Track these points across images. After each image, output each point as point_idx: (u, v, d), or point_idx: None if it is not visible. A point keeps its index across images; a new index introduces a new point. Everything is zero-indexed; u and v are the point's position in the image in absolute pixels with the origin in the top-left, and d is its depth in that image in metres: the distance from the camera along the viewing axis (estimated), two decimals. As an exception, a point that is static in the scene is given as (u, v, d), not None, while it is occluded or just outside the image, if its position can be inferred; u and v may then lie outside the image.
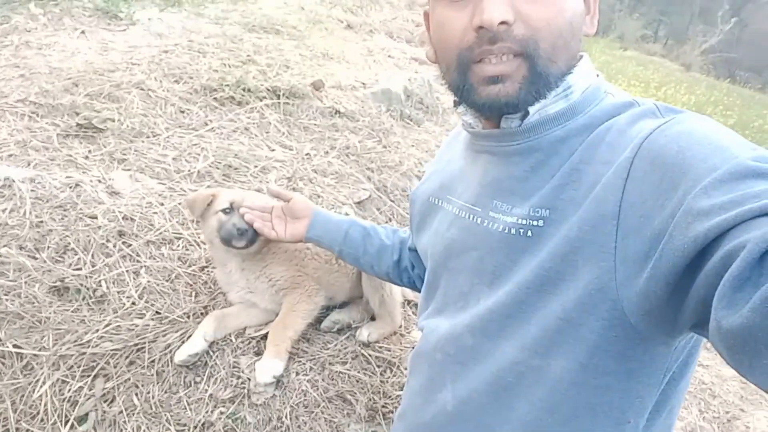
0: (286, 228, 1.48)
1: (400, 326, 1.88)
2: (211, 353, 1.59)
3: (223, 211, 1.56)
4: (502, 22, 0.80)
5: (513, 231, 0.87)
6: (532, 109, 0.89)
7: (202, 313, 1.69)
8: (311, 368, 1.62)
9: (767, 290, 0.48)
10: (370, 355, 1.72)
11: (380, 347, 1.77)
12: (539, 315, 0.82)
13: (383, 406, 1.60)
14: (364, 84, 3.83)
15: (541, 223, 0.83)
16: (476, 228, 0.96)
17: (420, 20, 7.24)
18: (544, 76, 0.85)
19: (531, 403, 0.86)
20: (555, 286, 0.80)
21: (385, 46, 5.38)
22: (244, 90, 2.99)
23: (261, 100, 3.01)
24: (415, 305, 2.07)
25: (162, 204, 2.04)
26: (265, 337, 1.65)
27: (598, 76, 0.96)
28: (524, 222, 0.86)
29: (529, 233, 0.84)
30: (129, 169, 2.16)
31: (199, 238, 1.94)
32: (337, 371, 1.64)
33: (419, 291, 1.35)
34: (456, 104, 1.03)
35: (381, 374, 1.69)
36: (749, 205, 0.54)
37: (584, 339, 0.78)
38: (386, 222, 2.64)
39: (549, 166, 0.87)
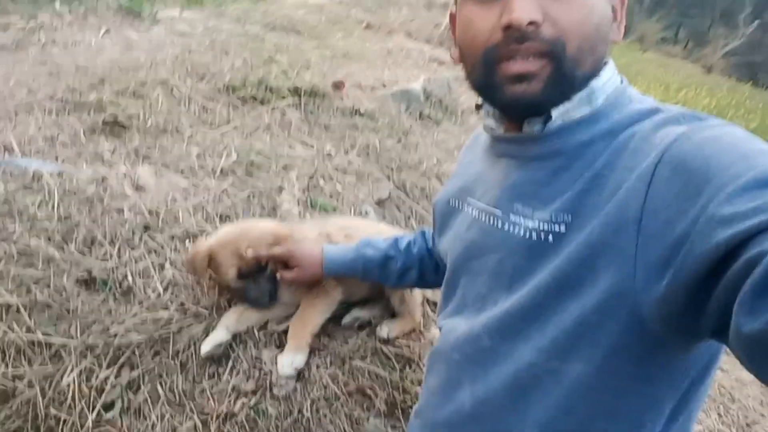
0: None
1: (420, 323, 1.89)
2: (234, 346, 1.62)
3: (239, 276, 1.59)
4: (531, 22, 0.80)
5: (534, 236, 0.86)
6: (554, 113, 0.88)
7: (225, 307, 1.71)
8: (331, 362, 1.64)
9: None
10: (389, 351, 1.73)
11: (399, 344, 1.78)
12: (557, 318, 0.82)
13: (402, 402, 1.61)
14: (384, 84, 3.85)
15: (563, 228, 0.82)
16: (496, 231, 0.95)
17: (439, 20, 7.25)
18: (569, 78, 0.84)
19: (547, 405, 0.85)
20: (574, 290, 0.79)
21: (405, 47, 5.40)
22: (266, 89, 3.03)
23: (283, 99, 3.04)
24: (434, 304, 2.08)
25: (186, 199, 2.07)
26: (286, 331, 1.67)
27: (622, 81, 0.95)
28: (546, 227, 0.85)
29: (550, 238, 0.83)
30: (154, 165, 2.20)
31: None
32: (356, 366, 1.66)
33: None
34: (477, 108, 1.04)
35: (400, 370, 1.70)
36: None
37: (602, 343, 0.78)
38: (405, 220, 2.66)
39: (572, 171, 0.86)
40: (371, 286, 1.85)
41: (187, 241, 1.91)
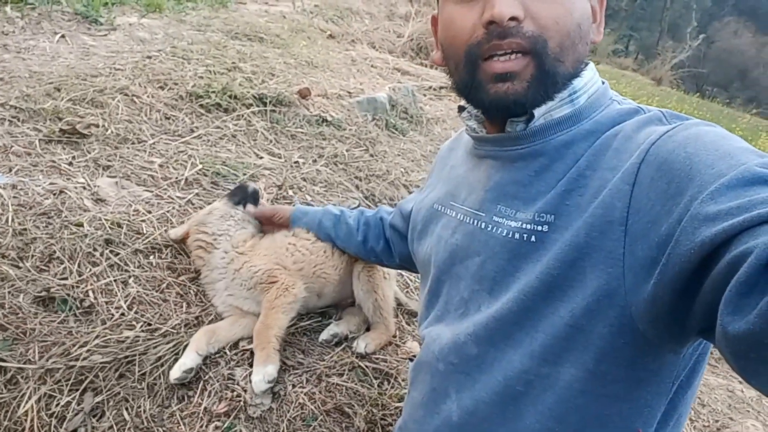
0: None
1: (395, 336, 1.85)
2: (205, 366, 1.54)
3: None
4: (512, 18, 0.81)
5: (517, 236, 0.86)
6: (537, 113, 0.89)
7: (194, 325, 1.64)
8: (308, 380, 1.58)
9: None
10: (366, 367, 1.68)
11: (377, 359, 1.73)
12: (547, 322, 0.81)
13: (382, 419, 1.56)
14: (349, 93, 3.82)
15: (545, 228, 0.83)
16: (480, 233, 0.95)
17: (401, 31, 7.29)
18: (551, 75, 0.85)
19: (540, 412, 0.84)
20: (563, 293, 0.79)
21: (368, 56, 5.39)
22: (230, 97, 2.95)
23: (248, 108, 2.97)
24: (408, 314, 2.05)
25: (149, 212, 1.98)
26: (260, 348, 1.61)
27: (603, 83, 0.96)
28: (528, 227, 0.85)
29: (533, 239, 0.84)
30: (114, 176, 2.10)
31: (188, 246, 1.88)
32: (334, 383, 1.60)
33: (386, 266, 1.66)
34: (460, 110, 1.03)
35: (379, 386, 1.65)
36: (757, 211, 0.54)
37: (593, 346, 0.77)
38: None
39: (554, 171, 0.87)
40: (342, 286, 1.81)
41: (151, 256, 1.82)
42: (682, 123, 0.77)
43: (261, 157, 2.68)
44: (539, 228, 0.84)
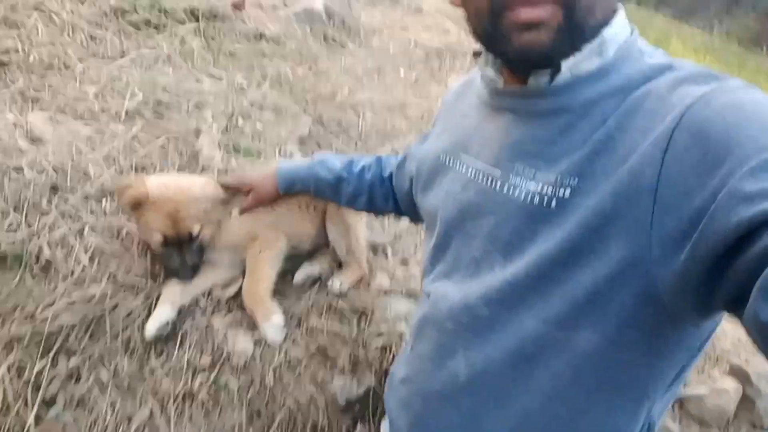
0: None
1: (367, 272, 1.84)
2: (180, 319, 1.49)
3: (164, 243, 1.46)
4: None
5: (536, 200, 0.81)
6: (564, 66, 0.83)
7: (162, 275, 1.56)
8: (288, 324, 1.56)
9: None
10: (343, 306, 1.68)
11: (351, 296, 1.73)
12: (565, 288, 0.78)
13: (364, 357, 1.58)
14: (285, 3, 3.56)
15: (567, 192, 0.78)
16: (494, 193, 0.90)
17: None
18: (580, 27, 0.78)
19: (553, 374, 0.83)
20: (584, 260, 0.76)
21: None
22: (159, 11, 2.68)
23: (180, 24, 2.72)
24: (371, 246, 2.03)
25: (93, 149, 1.81)
26: (234, 296, 1.57)
27: (632, 32, 0.90)
28: (549, 191, 0.79)
29: (553, 204, 0.79)
30: (47, 110, 1.89)
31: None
32: (313, 326, 1.59)
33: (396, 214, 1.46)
34: (476, 55, 0.96)
35: (357, 325, 1.66)
36: None
37: (613, 314, 0.75)
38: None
39: (579, 129, 0.81)
40: (317, 236, 1.77)
41: (104, 200, 1.69)
42: (720, 84, 0.71)
43: (201, 81, 2.48)
44: (560, 193, 0.78)
